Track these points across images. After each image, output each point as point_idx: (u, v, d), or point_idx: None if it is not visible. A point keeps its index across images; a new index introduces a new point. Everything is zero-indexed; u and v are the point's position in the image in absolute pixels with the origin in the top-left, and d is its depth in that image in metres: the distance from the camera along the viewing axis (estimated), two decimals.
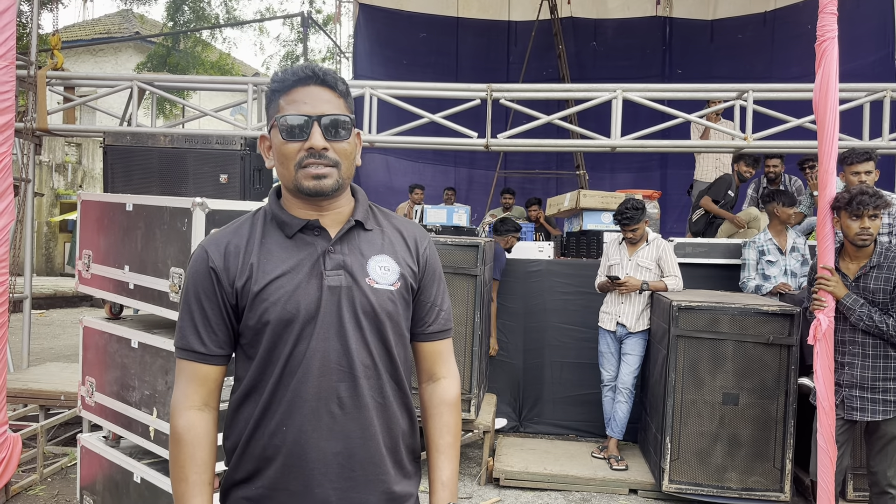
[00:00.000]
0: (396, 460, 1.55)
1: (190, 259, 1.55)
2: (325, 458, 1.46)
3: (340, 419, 1.47)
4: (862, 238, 3.52)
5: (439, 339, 1.67)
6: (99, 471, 3.66)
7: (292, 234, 1.51)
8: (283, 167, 1.50)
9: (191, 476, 1.46)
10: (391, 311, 1.52)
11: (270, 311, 1.45)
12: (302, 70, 1.49)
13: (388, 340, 1.52)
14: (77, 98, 6.47)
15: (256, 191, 5.60)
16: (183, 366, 1.52)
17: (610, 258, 5.29)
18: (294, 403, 1.46)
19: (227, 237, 1.54)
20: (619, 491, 4.76)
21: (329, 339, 1.46)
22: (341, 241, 1.52)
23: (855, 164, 4.43)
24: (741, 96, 5.86)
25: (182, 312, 1.53)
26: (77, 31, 22.14)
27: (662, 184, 10.69)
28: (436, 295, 1.65)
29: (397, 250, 1.58)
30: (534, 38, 10.90)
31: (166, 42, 15.55)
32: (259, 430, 1.48)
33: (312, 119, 1.45)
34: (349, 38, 13.08)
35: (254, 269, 1.48)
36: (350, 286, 1.48)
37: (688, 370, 4.52)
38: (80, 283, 3.79)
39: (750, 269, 5.42)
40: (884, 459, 3.53)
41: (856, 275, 3.58)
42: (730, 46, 10.83)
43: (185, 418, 1.49)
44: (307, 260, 1.49)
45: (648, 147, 6.26)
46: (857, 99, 5.66)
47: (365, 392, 1.48)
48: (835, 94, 3.58)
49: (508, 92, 6.08)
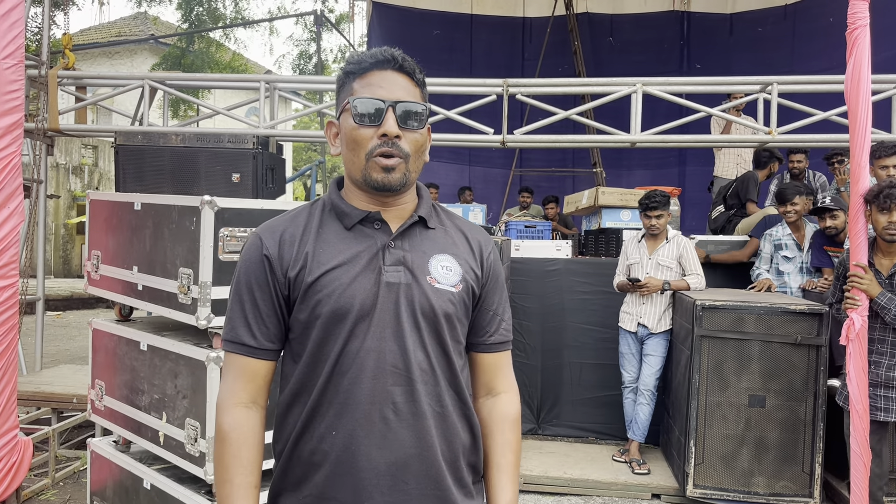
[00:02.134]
0: (457, 477, 1.44)
1: (243, 247, 1.47)
2: (377, 468, 1.35)
3: (395, 426, 1.36)
4: (890, 232, 3.42)
5: (500, 351, 1.56)
6: (109, 476, 3.58)
7: (351, 226, 1.43)
8: (352, 154, 1.41)
9: (235, 478, 1.38)
10: (451, 314, 1.42)
11: (324, 303, 1.37)
12: (381, 53, 1.42)
13: (447, 344, 1.42)
14: (88, 98, 6.42)
15: (269, 190, 5.53)
16: (231, 360, 1.44)
17: (629, 257, 5.17)
18: (345, 406, 1.36)
19: (284, 225, 1.46)
20: (642, 496, 4.63)
21: (385, 339, 1.37)
22: (402, 237, 1.43)
23: (883, 158, 4.29)
24: (765, 89, 5.70)
25: (232, 303, 1.45)
26: (93, 34, 22.29)
27: (681, 181, 10.53)
28: (498, 304, 1.55)
29: (460, 252, 1.49)
30: (549, 34, 10.76)
31: (180, 43, 15.57)
32: (307, 433, 1.39)
33: (387, 104, 1.38)
34: (362, 38, 13.04)
35: (308, 259, 1.40)
36: (409, 284, 1.39)
37: (712, 371, 4.39)
38: (90, 284, 3.72)
39: (761, 261, 5.30)
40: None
41: (890, 271, 3.45)
42: (749, 40, 10.63)
43: (232, 416, 1.41)
44: (365, 253, 1.40)
45: (669, 142, 6.12)
46: (886, 91, 5.49)
47: (422, 398, 1.38)
48: (867, 84, 3.45)
49: (525, 87, 5.95)
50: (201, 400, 2.92)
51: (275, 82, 6.13)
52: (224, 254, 2.92)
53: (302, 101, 7.10)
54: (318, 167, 12.13)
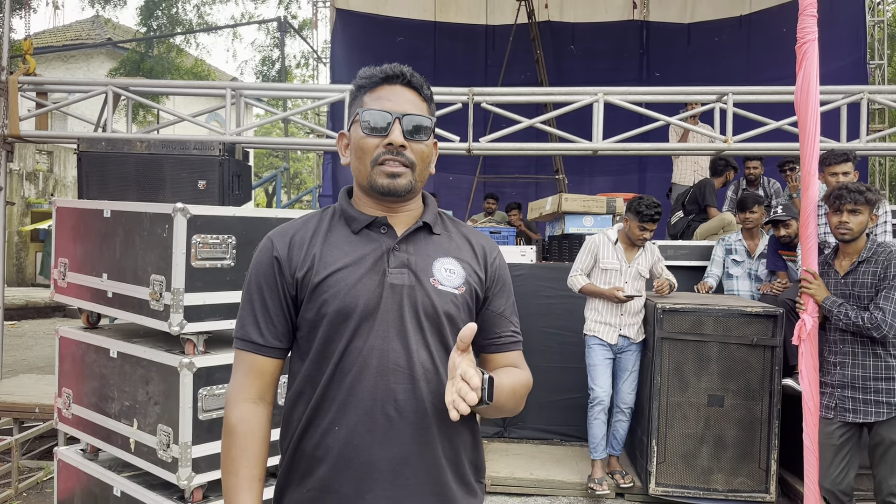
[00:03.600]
0: (459, 474, 1.49)
1: (256, 250, 1.53)
2: (378, 463, 1.41)
3: (397, 423, 1.42)
4: (840, 232, 3.57)
5: (511, 350, 1.62)
6: (77, 484, 3.55)
7: (358, 230, 1.50)
8: (359, 162, 1.49)
9: (241, 469, 1.44)
10: (453, 315, 1.48)
11: (329, 302, 1.43)
12: (391, 69, 1.50)
13: (449, 344, 1.47)
14: (49, 104, 6.34)
15: (236, 196, 5.54)
16: (241, 357, 1.50)
17: (602, 261, 4.80)
18: (348, 402, 1.42)
19: (295, 228, 1.53)
20: (607, 495, 4.74)
21: (388, 339, 1.43)
22: (407, 241, 1.50)
23: (833, 166, 4.47)
24: (721, 99, 5.90)
25: (243, 303, 1.52)
26: (48, 37, 21.83)
27: (641, 187, 10.73)
28: (506, 307, 1.61)
29: (464, 256, 1.55)
30: (512, 42, 10.89)
31: (139, 48, 15.37)
32: (311, 429, 1.45)
33: (394, 116, 1.46)
34: (325, 44, 13.02)
35: (315, 260, 1.46)
36: (413, 285, 1.45)
37: (673, 372, 4.52)
38: (56, 291, 3.69)
39: (712, 265, 5.50)
40: (884, 467, 3.50)
41: (846, 270, 3.60)
42: (707, 49, 10.93)
43: (240, 410, 1.47)
44: (371, 255, 1.47)
45: (630, 150, 6.28)
46: (834, 101, 5.72)
47: (424, 396, 1.43)
48: (816, 95, 3.60)
49: (490, 96, 6.06)
50: (174, 406, 2.93)
51: (241, 89, 6.13)
52: (196, 260, 2.94)
53: (264, 106, 7.10)
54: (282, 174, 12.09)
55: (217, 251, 3.02)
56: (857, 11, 9.79)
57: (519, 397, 1.52)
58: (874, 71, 10.55)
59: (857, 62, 9.60)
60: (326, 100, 6.34)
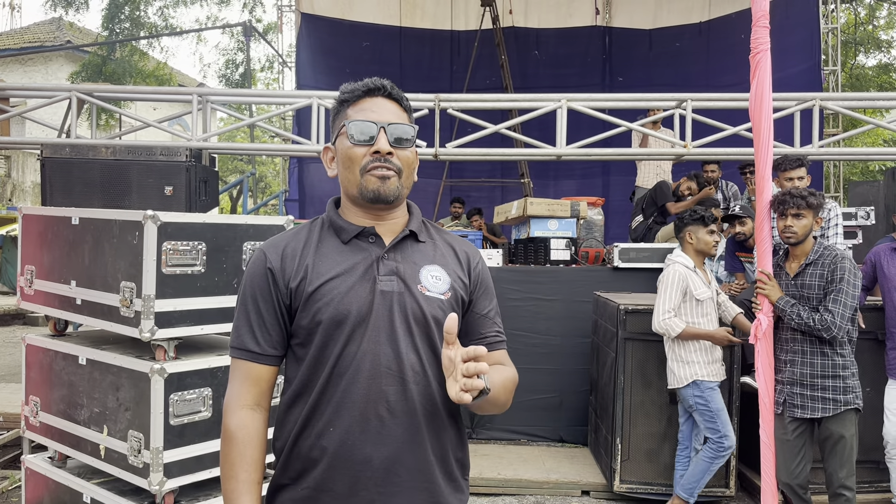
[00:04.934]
0: (446, 471, 1.56)
1: (248, 262, 1.59)
2: (371, 462, 1.47)
3: (389, 423, 1.48)
4: (785, 235, 3.72)
5: (498, 349, 1.68)
6: (45, 492, 3.54)
7: (348, 240, 1.57)
8: (348, 171, 1.56)
9: (240, 474, 1.49)
10: (440, 319, 1.54)
11: (323, 310, 1.49)
12: (372, 83, 1.59)
13: (437, 347, 1.54)
14: (11, 109, 6.27)
15: (202, 202, 5.54)
16: (237, 365, 1.56)
17: (694, 292, 4.20)
18: (342, 405, 1.48)
19: (286, 240, 1.59)
20: (573, 493, 4.84)
21: (380, 343, 1.49)
22: (395, 249, 1.57)
23: (788, 171, 4.62)
24: (680, 105, 6.06)
25: (238, 313, 1.58)
26: (5, 39, 21.39)
27: (605, 191, 10.92)
28: (489, 308, 1.68)
29: (449, 262, 1.63)
30: (477, 47, 10.99)
31: (101, 51, 15.15)
32: (306, 431, 1.51)
33: (380, 126, 1.54)
34: (290, 48, 12.98)
35: (308, 270, 1.52)
36: (402, 292, 1.52)
37: (636, 372, 4.64)
38: (23, 299, 3.68)
39: None
40: (833, 460, 3.65)
41: (795, 272, 3.75)
42: (668, 55, 11.16)
43: (238, 417, 1.52)
44: (361, 264, 1.54)
45: (593, 155, 6.42)
46: (788, 108, 5.92)
47: (414, 397, 1.50)
48: (769, 103, 3.74)
49: (456, 102, 6.14)
50: (145, 411, 2.95)
51: (208, 95, 6.13)
52: (167, 267, 2.97)
53: (229, 111, 7.09)
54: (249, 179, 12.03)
55: (187, 258, 3.05)
56: (811, 18, 10.08)
57: (508, 392, 1.59)
58: (828, 76, 10.85)
59: (811, 68, 9.89)
60: (294, 105, 6.37)
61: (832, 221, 4.67)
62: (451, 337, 1.38)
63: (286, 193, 11.87)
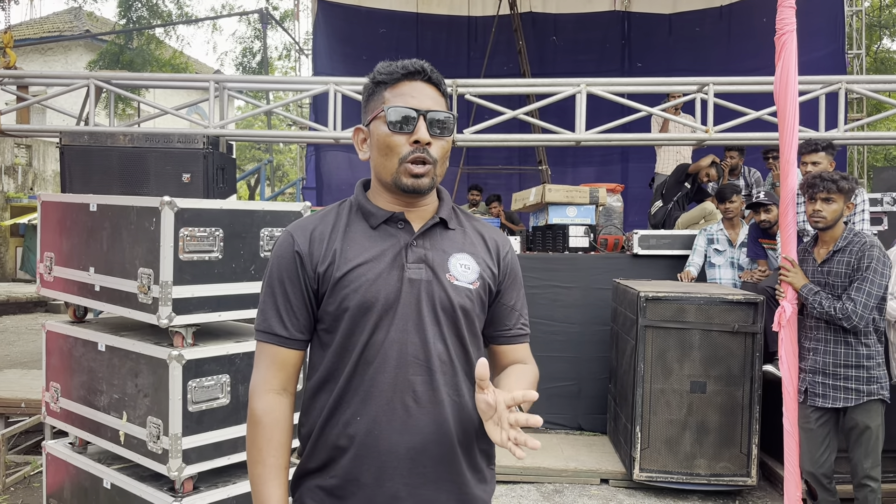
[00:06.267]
0: (471, 462, 1.54)
1: (275, 244, 1.56)
2: (398, 452, 1.45)
3: (415, 413, 1.46)
4: (813, 220, 3.63)
5: (519, 343, 1.66)
6: (66, 478, 3.57)
7: (377, 225, 1.53)
8: (384, 158, 1.51)
9: (268, 459, 1.47)
10: (468, 309, 1.52)
11: (351, 297, 1.46)
12: (412, 65, 1.52)
13: (464, 337, 1.52)
14: (31, 97, 6.30)
15: (220, 189, 5.53)
16: (263, 349, 1.53)
17: None
18: (369, 394, 1.46)
19: (314, 223, 1.56)
20: (591, 481, 4.81)
21: (407, 331, 1.47)
22: (424, 237, 1.53)
23: (805, 155, 4.54)
24: (702, 89, 5.96)
25: (264, 296, 1.55)
26: (25, 29, 21.54)
27: (624, 178, 10.80)
28: (516, 300, 1.65)
29: (478, 251, 1.59)
30: (494, 33, 10.91)
31: (119, 40, 15.21)
32: (333, 419, 1.49)
33: (420, 113, 1.48)
34: (307, 35, 12.96)
35: (336, 255, 1.49)
36: (430, 280, 1.49)
37: (656, 360, 4.59)
38: (43, 286, 3.69)
39: (694, 254, 5.57)
40: (858, 450, 3.58)
41: (822, 259, 3.67)
42: (688, 40, 11.00)
43: (265, 401, 1.50)
44: (390, 251, 1.50)
45: (613, 141, 6.34)
46: (813, 91, 5.80)
47: (441, 387, 1.48)
48: (794, 86, 3.65)
49: (473, 87, 6.09)
50: (163, 398, 2.95)
51: (224, 82, 6.12)
52: (184, 253, 2.96)
53: (245, 98, 7.08)
54: (266, 167, 12.05)
55: (205, 244, 3.04)
56: (835, 1, 9.90)
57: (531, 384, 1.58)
58: (852, 60, 10.66)
59: (835, 52, 9.71)
60: (310, 92, 6.34)
61: (859, 207, 4.57)
62: (483, 383, 1.33)
63: (303, 181, 11.88)
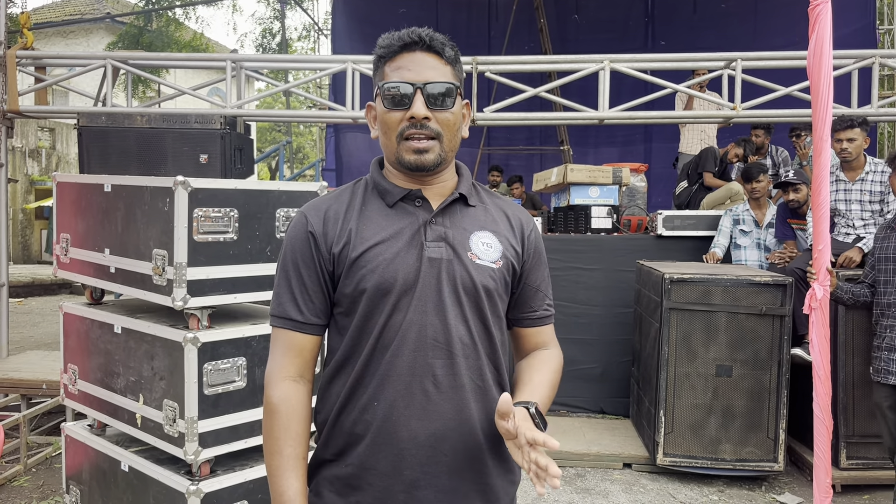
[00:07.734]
0: (496, 451, 1.45)
1: (289, 225, 1.49)
2: (417, 439, 1.38)
3: (435, 398, 1.39)
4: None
5: (544, 325, 1.59)
6: (85, 460, 3.56)
7: (393, 203, 1.46)
8: (385, 137, 1.44)
9: (285, 449, 1.41)
10: (491, 289, 1.44)
11: (368, 278, 1.39)
12: (408, 35, 1.44)
13: (487, 318, 1.44)
14: (49, 79, 6.27)
15: (238, 170, 5.47)
16: (279, 335, 1.47)
17: None
18: (387, 378, 1.39)
19: (328, 203, 1.49)
20: (614, 465, 4.74)
21: (427, 313, 1.39)
22: (443, 214, 1.46)
23: (837, 132, 4.40)
24: (729, 65, 5.79)
25: (279, 279, 1.48)
26: (46, 12, 21.67)
27: (647, 158, 10.63)
28: (541, 280, 1.58)
29: (501, 229, 1.51)
30: (515, 12, 10.73)
31: (138, 22, 15.20)
32: (350, 405, 1.42)
33: (415, 87, 1.40)
34: (326, 15, 12.86)
35: (352, 235, 1.42)
36: (451, 259, 1.42)
37: (681, 343, 4.49)
38: (59, 267, 3.66)
39: (719, 235, 5.46)
40: None
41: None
42: (713, 17, 10.73)
43: (281, 389, 1.43)
44: (407, 229, 1.43)
45: (637, 119, 6.20)
46: (845, 66, 5.62)
47: (462, 371, 1.41)
48: (829, 59, 3.50)
49: (494, 65, 5.97)
50: (179, 381, 2.91)
51: (241, 61, 6.06)
52: (199, 234, 2.90)
53: (265, 79, 7.02)
54: (285, 148, 12.01)
55: (219, 224, 2.98)
56: None
57: (556, 387, 1.53)
58: (883, 36, 10.38)
59: (865, 27, 9.43)
60: (328, 71, 6.25)
61: None
62: (506, 416, 1.27)
63: (323, 162, 11.83)
